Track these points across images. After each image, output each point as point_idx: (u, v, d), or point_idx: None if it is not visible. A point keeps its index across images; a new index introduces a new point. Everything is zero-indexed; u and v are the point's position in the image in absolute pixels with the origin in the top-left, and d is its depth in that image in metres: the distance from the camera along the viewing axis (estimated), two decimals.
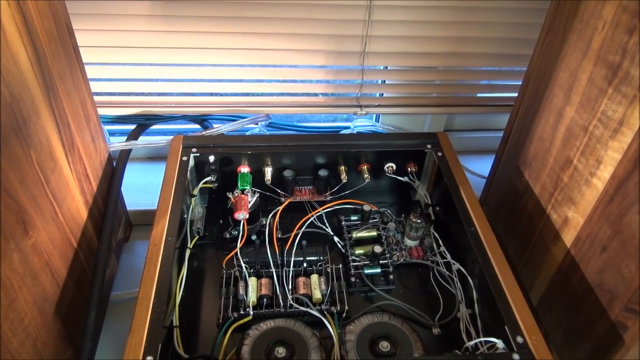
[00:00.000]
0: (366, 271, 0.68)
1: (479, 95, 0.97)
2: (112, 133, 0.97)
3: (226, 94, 0.95)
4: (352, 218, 0.76)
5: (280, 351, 0.55)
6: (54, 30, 0.60)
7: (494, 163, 0.85)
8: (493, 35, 0.85)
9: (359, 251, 0.71)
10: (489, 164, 0.86)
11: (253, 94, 0.95)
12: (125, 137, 0.88)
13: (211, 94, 0.92)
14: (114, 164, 0.80)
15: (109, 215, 0.73)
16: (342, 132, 1.00)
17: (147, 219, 0.82)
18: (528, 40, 0.85)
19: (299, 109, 0.90)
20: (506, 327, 0.54)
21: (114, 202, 0.74)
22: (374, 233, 0.74)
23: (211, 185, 0.75)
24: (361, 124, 1.02)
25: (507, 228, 0.80)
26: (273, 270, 0.66)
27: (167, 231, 0.62)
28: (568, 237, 0.64)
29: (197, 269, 0.69)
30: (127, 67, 0.85)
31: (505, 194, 0.80)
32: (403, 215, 0.77)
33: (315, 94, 0.93)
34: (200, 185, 0.74)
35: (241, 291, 0.63)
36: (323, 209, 0.77)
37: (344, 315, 0.63)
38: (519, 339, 0.52)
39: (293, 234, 0.71)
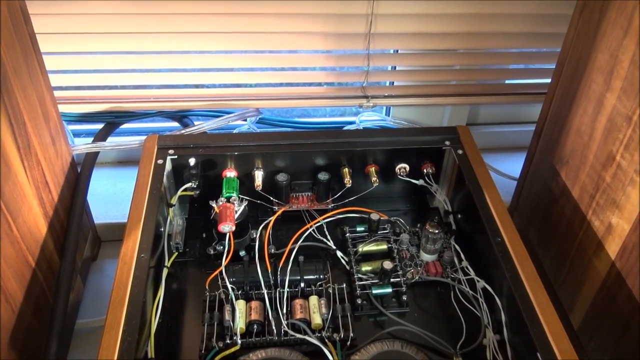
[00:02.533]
0: (375, 291, 0.68)
1: (506, 82, 0.98)
2: (76, 133, 0.98)
3: (209, 86, 0.96)
4: (358, 229, 0.76)
5: None
6: (7, 17, 0.60)
7: (526, 162, 0.85)
8: (522, 11, 0.85)
9: (366, 268, 0.71)
10: (519, 164, 0.87)
11: (240, 86, 0.96)
12: (92, 138, 0.88)
13: (192, 86, 0.93)
14: (78, 170, 0.80)
15: (72, 229, 0.73)
16: (345, 128, 1.01)
17: (117, 233, 0.80)
18: (562, 16, 0.85)
19: (293, 101, 0.91)
20: (539, 355, 0.54)
21: (78, 213, 0.75)
22: (384, 246, 0.74)
23: (192, 193, 0.74)
24: (368, 118, 1.02)
25: (542, 238, 0.80)
26: (265, 291, 0.66)
27: (140, 247, 0.62)
28: (612, 248, 0.64)
29: (176, 291, 0.69)
30: (93, 57, 0.86)
31: (539, 198, 0.80)
32: (418, 225, 0.77)
33: (316, 84, 0.94)
34: (179, 192, 0.74)
35: (227, 316, 0.63)
36: (323, 219, 0.76)
37: (349, 343, 0.63)
38: None
39: (288, 249, 0.71)
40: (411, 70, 0.95)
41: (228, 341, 0.62)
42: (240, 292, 0.67)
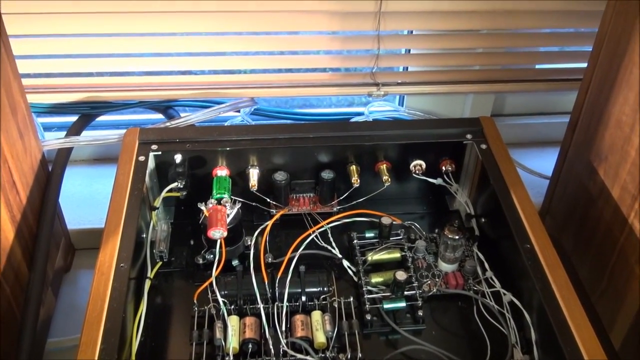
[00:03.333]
0: (386, 306, 0.68)
1: (537, 67, 0.98)
2: (48, 127, 0.98)
3: (198, 72, 0.96)
4: (367, 235, 0.76)
5: None
6: None
7: (559, 158, 0.85)
8: None
9: (376, 279, 0.71)
10: (551, 160, 0.87)
11: (233, 72, 0.96)
12: (64, 132, 0.88)
13: (178, 73, 0.93)
14: (50, 168, 0.81)
15: (43, 235, 0.73)
16: (353, 119, 1.00)
17: (93, 241, 0.79)
18: None
19: (293, 89, 0.91)
20: None
21: (49, 218, 0.75)
22: (397, 255, 0.74)
23: (178, 194, 0.75)
24: (379, 108, 1.01)
25: (578, 245, 0.80)
26: (261, 306, 0.66)
27: (119, 255, 0.63)
28: None
29: (160, 306, 0.70)
30: (66, 40, 0.86)
31: (574, 199, 0.81)
32: (436, 231, 0.77)
33: (319, 70, 0.94)
34: (164, 194, 0.74)
35: (218, 334, 0.63)
36: (328, 224, 0.77)
37: None
38: None
39: (287, 258, 0.71)
40: (427, 53, 0.94)
41: None
42: (233, 306, 0.66)
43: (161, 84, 0.90)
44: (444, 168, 0.79)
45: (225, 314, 0.65)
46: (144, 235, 0.72)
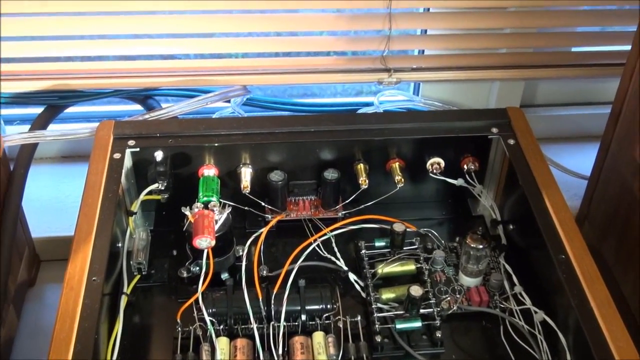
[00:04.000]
0: (399, 326, 0.67)
1: (573, 49, 0.98)
2: (9, 120, 0.99)
3: (182, 57, 0.95)
4: (377, 244, 0.76)
5: None
6: None
7: (599, 155, 0.85)
8: None
9: (387, 295, 0.71)
10: (590, 157, 0.87)
11: (223, 56, 0.96)
12: (28, 126, 0.88)
13: (159, 57, 0.92)
14: (11, 167, 0.81)
15: (3, 245, 0.74)
16: (360, 111, 0.99)
17: (61, 251, 0.82)
18: None
19: (291, 76, 0.91)
20: None
21: (10, 225, 0.75)
22: (411, 267, 0.74)
23: (159, 197, 0.75)
24: (390, 98, 1.01)
25: (620, 256, 0.80)
26: (254, 326, 0.65)
27: (91, 268, 0.63)
28: None
29: (139, 326, 0.70)
30: (30, 19, 0.85)
31: (617, 202, 0.80)
32: (457, 239, 0.77)
33: (322, 54, 0.94)
34: (142, 197, 0.74)
35: (205, 358, 0.62)
36: (331, 230, 0.77)
37: None
38: None
39: (284, 270, 0.71)
40: (447, 34, 0.94)
41: None
42: (222, 326, 0.66)
43: (139, 70, 0.90)
44: (465, 167, 0.79)
45: (213, 335, 0.64)
46: (120, 245, 0.71)
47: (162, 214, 0.80)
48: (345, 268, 0.74)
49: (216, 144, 0.75)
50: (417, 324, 0.68)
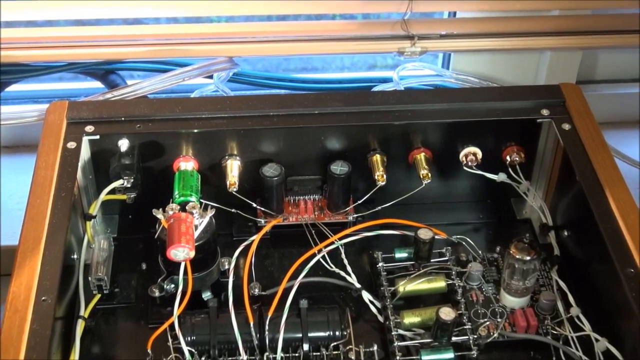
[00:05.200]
0: (426, 357, 0.68)
1: None
2: None
3: (151, 21, 0.96)
4: (398, 256, 0.76)
5: None
6: None
7: None
8: None
9: (411, 319, 0.70)
10: None
11: (202, 20, 0.96)
12: None
13: (123, 22, 0.94)
14: None
15: None
16: (376, 88, 0.99)
17: (3, 264, 0.84)
18: None
19: (289, 45, 0.91)
20: None
21: None
22: (441, 284, 0.74)
23: (124, 197, 0.75)
24: (413, 72, 1.02)
25: None
26: (244, 358, 0.66)
27: (40, 285, 0.62)
28: None
29: (100, 357, 0.70)
30: None
31: None
32: (498, 249, 0.77)
33: (327, 17, 0.93)
34: (103, 196, 0.74)
35: None
36: (340, 239, 0.77)
37: None
38: None
39: (282, 288, 0.71)
40: None
41: None
42: (204, 358, 0.66)
43: (98, 38, 0.91)
44: (508, 158, 0.79)
45: None
46: (75, 257, 0.71)
47: (127, 217, 0.80)
48: (358, 285, 0.74)
49: (195, 130, 0.75)
50: (449, 355, 0.68)
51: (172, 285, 0.70)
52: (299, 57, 1.05)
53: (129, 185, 0.75)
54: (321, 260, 0.75)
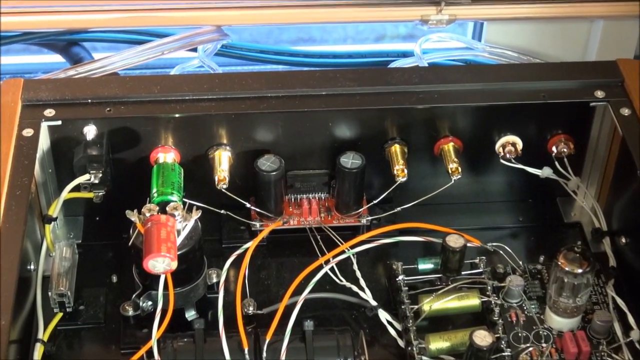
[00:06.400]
0: None
1: None
2: None
3: None
4: (422, 267, 0.76)
5: None
6: None
7: None
8: None
9: (438, 344, 0.71)
10: None
11: None
12: None
13: None
14: None
15: None
16: (393, 64, 0.99)
17: None
18: None
19: (287, 12, 0.91)
20: None
21: None
22: (474, 301, 0.74)
23: (91, 195, 0.76)
24: (439, 44, 1.02)
25: None
26: None
27: None
28: None
29: None
30: None
31: None
32: (542, 259, 0.78)
33: None
34: (66, 194, 0.74)
35: None
36: (351, 246, 0.76)
37: None
38: None
39: (282, 306, 0.71)
40: None
41: None
42: None
43: (59, 3, 0.91)
44: (555, 150, 0.79)
45: None
46: (32, 267, 0.70)
47: (95, 220, 0.80)
48: (374, 303, 0.74)
49: (177, 115, 0.75)
50: None
51: (150, 303, 0.71)
52: (296, 26, 1.02)
53: (96, 181, 0.75)
54: (329, 272, 0.76)
